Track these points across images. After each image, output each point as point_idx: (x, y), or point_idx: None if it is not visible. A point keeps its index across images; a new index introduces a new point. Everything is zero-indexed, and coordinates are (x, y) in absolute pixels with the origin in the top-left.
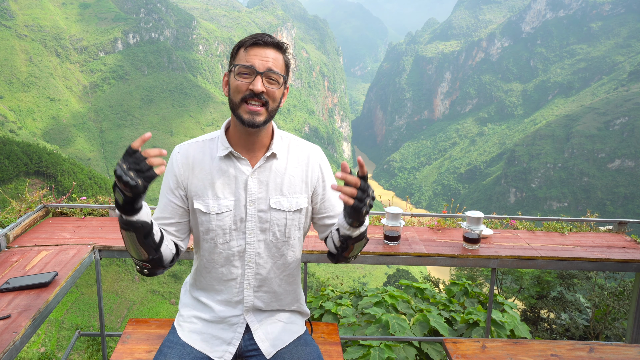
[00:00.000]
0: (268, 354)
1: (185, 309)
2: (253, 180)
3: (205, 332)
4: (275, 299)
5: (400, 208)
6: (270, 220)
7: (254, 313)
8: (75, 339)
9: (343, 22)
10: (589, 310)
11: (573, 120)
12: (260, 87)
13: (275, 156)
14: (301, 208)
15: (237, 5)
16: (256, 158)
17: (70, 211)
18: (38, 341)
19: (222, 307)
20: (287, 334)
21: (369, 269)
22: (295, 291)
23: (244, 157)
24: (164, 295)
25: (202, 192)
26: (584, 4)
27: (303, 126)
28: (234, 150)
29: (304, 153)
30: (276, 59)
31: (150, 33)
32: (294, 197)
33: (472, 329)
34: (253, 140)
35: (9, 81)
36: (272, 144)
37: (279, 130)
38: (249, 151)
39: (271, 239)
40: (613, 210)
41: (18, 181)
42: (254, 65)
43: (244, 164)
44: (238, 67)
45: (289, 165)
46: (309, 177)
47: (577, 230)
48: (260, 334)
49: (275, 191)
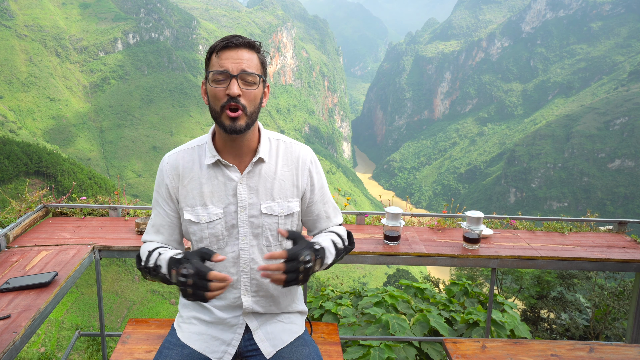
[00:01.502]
0: (268, 353)
1: (185, 310)
2: (242, 187)
3: (205, 333)
4: (273, 303)
5: (400, 208)
6: (262, 225)
7: (254, 315)
8: (75, 339)
9: (343, 22)
10: (589, 310)
11: (573, 120)
12: (236, 90)
13: (263, 160)
14: (293, 212)
15: (237, 5)
16: (244, 163)
17: (70, 211)
18: (38, 341)
19: (221, 310)
20: (286, 333)
21: (369, 269)
22: (292, 293)
23: (231, 165)
24: (164, 295)
25: (191, 202)
26: (584, 4)
27: (303, 126)
28: (222, 157)
29: (294, 155)
30: (250, 59)
31: (150, 33)
32: (285, 202)
33: (472, 329)
34: (239, 145)
35: (9, 81)
36: (259, 147)
37: (266, 132)
38: (236, 157)
39: (264, 244)
40: (613, 210)
41: (18, 181)
42: (228, 69)
43: (232, 170)
44: (212, 74)
45: (278, 169)
46: (300, 180)
47: (577, 230)
48: (260, 334)
49: (266, 196)
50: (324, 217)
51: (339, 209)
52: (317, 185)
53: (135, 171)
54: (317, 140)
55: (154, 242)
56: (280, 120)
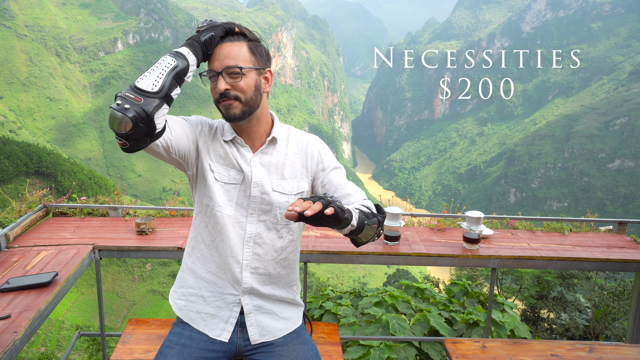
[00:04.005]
0: (254, 341)
1: (181, 287)
2: (255, 164)
3: (203, 312)
4: (270, 282)
5: (400, 208)
6: (272, 202)
7: (250, 297)
8: (75, 339)
9: (343, 22)
10: (589, 310)
11: (573, 120)
12: (223, 86)
13: (276, 141)
14: (303, 191)
15: (237, 5)
16: (258, 144)
17: (70, 211)
18: (38, 341)
19: (221, 286)
20: (279, 327)
21: (369, 269)
22: (290, 277)
23: (245, 144)
24: (164, 295)
25: (215, 159)
26: (584, 4)
27: (303, 126)
28: (238, 136)
29: (303, 140)
30: (233, 51)
31: (150, 33)
32: (295, 181)
33: (472, 329)
34: (252, 130)
35: (9, 81)
36: (272, 130)
37: (279, 122)
38: (249, 140)
39: (272, 221)
40: (613, 210)
41: (18, 181)
42: (214, 68)
43: (246, 150)
44: (205, 74)
45: (289, 151)
46: (309, 162)
47: (577, 230)
48: (252, 319)
49: (277, 175)
50: (344, 193)
51: (360, 190)
52: (329, 165)
53: (135, 171)
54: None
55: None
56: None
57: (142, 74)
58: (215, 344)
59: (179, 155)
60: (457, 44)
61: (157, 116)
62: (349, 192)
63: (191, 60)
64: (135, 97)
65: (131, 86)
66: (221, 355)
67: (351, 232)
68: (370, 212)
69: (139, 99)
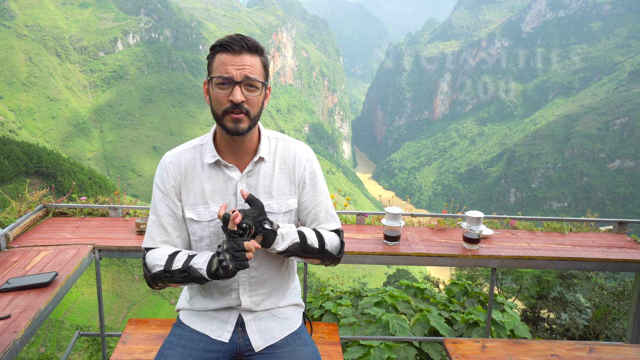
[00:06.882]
0: (257, 347)
1: (185, 300)
2: (242, 185)
3: (204, 314)
4: (267, 298)
5: (400, 208)
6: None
7: (250, 312)
8: (75, 339)
9: (343, 22)
10: (589, 310)
11: (573, 120)
12: (239, 97)
13: (263, 160)
14: (291, 209)
15: (237, 5)
16: (244, 163)
17: (70, 211)
18: (38, 341)
19: (218, 311)
20: (279, 328)
21: (369, 269)
22: (288, 285)
23: (231, 165)
24: (164, 295)
25: (193, 201)
26: (584, 4)
27: (303, 126)
28: (222, 157)
29: (291, 153)
30: (253, 64)
31: (150, 33)
32: (284, 199)
33: (472, 329)
34: (240, 145)
35: (9, 81)
36: (259, 147)
37: (266, 131)
38: (237, 156)
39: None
40: (613, 210)
41: (18, 181)
42: (232, 76)
43: (232, 170)
44: (215, 79)
45: (276, 168)
46: (296, 177)
47: (577, 230)
48: (253, 327)
49: (265, 194)
50: (312, 218)
51: (335, 217)
52: (309, 183)
53: (135, 171)
54: (317, 140)
55: (164, 246)
56: (280, 120)
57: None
58: (216, 344)
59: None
60: (457, 44)
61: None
62: (319, 217)
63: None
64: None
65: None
66: (221, 356)
67: (288, 254)
68: (312, 248)
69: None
